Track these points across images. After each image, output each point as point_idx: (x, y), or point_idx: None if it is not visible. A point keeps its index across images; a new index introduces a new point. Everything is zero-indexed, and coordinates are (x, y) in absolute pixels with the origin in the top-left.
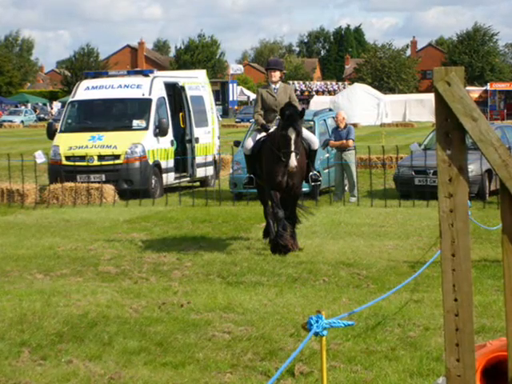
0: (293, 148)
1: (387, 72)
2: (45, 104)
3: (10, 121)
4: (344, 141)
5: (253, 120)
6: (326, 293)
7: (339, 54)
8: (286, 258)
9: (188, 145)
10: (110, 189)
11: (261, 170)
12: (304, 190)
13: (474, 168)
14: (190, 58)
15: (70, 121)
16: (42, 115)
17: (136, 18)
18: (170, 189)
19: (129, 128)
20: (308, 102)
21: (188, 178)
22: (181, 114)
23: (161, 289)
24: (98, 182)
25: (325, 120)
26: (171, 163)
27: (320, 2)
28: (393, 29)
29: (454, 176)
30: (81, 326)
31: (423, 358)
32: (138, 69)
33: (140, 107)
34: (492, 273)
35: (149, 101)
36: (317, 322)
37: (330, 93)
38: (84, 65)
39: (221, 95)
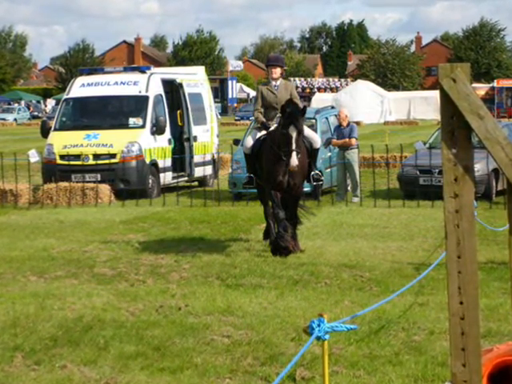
0: (294, 147)
1: (391, 68)
2: (39, 101)
3: (3, 119)
4: (347, 139)
5: (253, 118)
6: (328, 296)
7: (341, 50)
8: (287, 260)
9: (186, 143)
10: (105, 189)
11: (261, 170)
12: (305, 189)
13: (480, 167)
14: (188, 54)
15: (64, 119)
16: (35, 113)
17: (133, 13)
18: (167, 189)
19: (125, 126)
20: (309, 100)
21: (186, 178)
22: (179, 111)
23: (158, 291)
24: (94, 182)
25: (327, 118)
26: (169, 162)
27: None
28: (397, 24)
29: (460, 175)
30: (76, 330)
31: (428, 363)
32: (134, 65)
33: (137, 105)
34: (499, 275)
35: (146, 98)
36: (318, 325)
37: (332, 90)
38: (79, 61)
39: (220, 92)
